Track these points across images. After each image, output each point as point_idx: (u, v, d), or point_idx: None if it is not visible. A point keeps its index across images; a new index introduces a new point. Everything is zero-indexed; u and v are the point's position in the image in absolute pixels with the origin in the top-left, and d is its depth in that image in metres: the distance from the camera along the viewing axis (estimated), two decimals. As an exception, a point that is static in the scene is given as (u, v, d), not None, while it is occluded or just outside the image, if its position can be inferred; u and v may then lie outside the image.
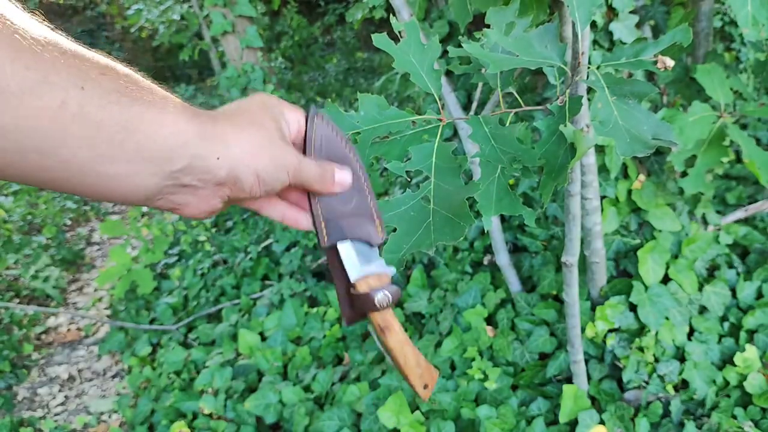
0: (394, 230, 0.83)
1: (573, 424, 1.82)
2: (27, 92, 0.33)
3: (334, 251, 0.51)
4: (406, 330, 2.43)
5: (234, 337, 2.70)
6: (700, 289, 2.01)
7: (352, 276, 0.51)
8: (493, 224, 2.22)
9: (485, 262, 2.59)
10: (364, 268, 0.51)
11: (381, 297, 0.50)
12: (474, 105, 2.12)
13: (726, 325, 2.03)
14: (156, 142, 0.39)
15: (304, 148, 0.50)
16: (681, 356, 1.95)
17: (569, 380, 1.96)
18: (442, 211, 0.83)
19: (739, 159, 2.76)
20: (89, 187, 0.39)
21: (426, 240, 0.82)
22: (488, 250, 2.59)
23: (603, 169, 1.92)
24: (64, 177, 0.37)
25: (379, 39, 0.94)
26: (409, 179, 1.39)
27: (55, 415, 2.75)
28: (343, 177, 0.51)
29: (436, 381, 0.54)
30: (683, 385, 1.93)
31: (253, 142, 0.44)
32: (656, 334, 1.92)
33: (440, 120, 0.94)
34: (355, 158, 0.53)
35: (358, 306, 0.51)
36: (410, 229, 0.83)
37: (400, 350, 0.52)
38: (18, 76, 0.33)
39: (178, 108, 0.41)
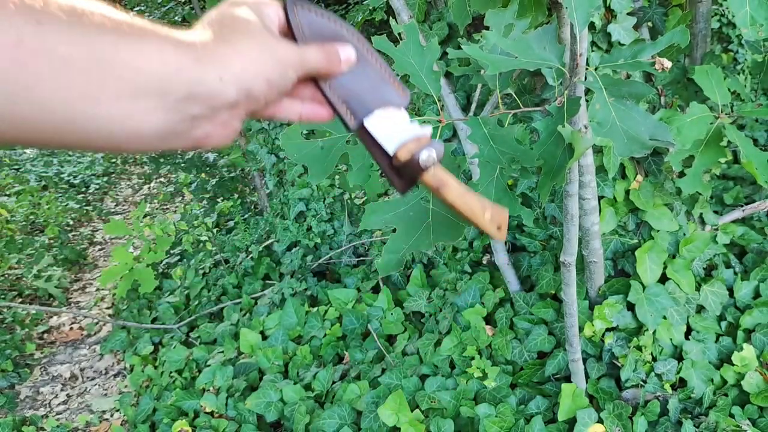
0: (394, 230, 0.85)
1: (571, 422, 1.83)
2: None
3: (364, 130, 0.49)
4: (405, 330, 2.45)
5: (235, 336, 2.72)
6: (698, 288, 2.02)
7: (390, 148, 0.48)
8: (492, 224, 2.23)
9: (484, 261, 2.61)
10: (399, 135, 0.48)
11: (425, 157, 0.47)
12: (473, 106, 2.14)
13: (723, 324, 2.05)
14: (142, 74, 0.36)
15: (293, 38, 0.48)
16: (679, 355, 1.96)
17: (568, 379, 1.97)
18: (441, 211, 0.85)
19: (736, 159, 2.77)
20: (87, 134, 0.36)
21: (425, 240, 0.84)
22: (487, 249, 2.60)
23: (601, 170, 1.94)
24: (52, 125, 0.35)
25: (379, 41, 0.96)
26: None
27: (58, 413, 2.76)
28: (347, 53, 0.48)
29: (507, 219, 0.52)
30: (681, 384, 1.94)
31: (251, 50, 0.42)
32: (654, 333, 1.94)
33: (440, 121, 0.96)
34: (349, 32, 0.50)
35: (407, 174, 0.49)
36: (410, 230, 0.84)
37: (463, 202, 0.50)
38: None
39: (161, 36, 0.39)
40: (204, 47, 0.41)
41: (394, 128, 0.49)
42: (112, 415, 2.69)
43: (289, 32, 0.48)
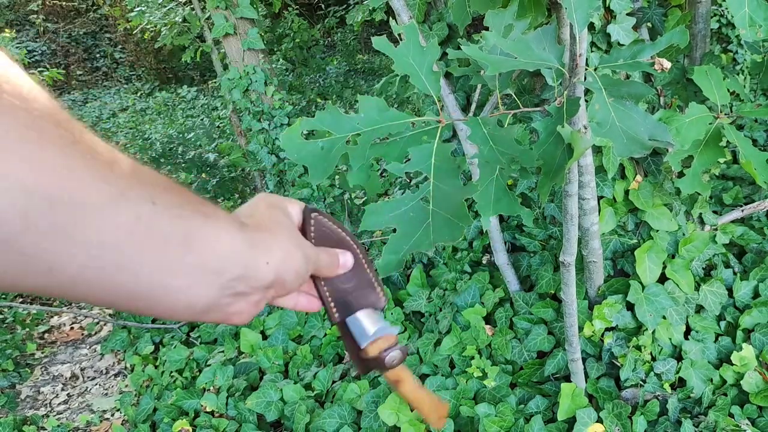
0: (394, 231, 0.85)
1: (571, 421, 1.84)
2: (107, 207, 0.34)
3: (343, 324, 0.57)
4: (405, 330, 2.45)
5: (236, 336, 2.72)
6: (697, 288, 2.03)
7: (362, 343, 0.56)
8: (491, 224, 2.24)
9: (484, 261, 2.61)
10: (372, 333, 0.56)
11: (390, 358, 0.56)
12: (473, 106, 2.14)
13: (723, 324, 2.05)
14: (213, 253, 0.40)
15: (305, 238, 0.55)
16: (678, 355, 1.97)
17: (567, 378, 1.98)
18: (441, 211, 0.85)
19: (735, 160, 2.78)
20: (154, 300, 0.39)
21: (425, 240, 0.84)
22: (487, 249, 2.61)
23: (600, 170, 1.94)
24: (135, 292, 0.37)
25: (379, 42, 0.97)
26: (409, 179, 1.41)
27: (58, 413, 2.77)
28: (346, 260, 0.55)
29: (447, 411, 0.60)
30: (680, 384, 1.95)
31: (287, 243, 0.47)
32: (653, 332, 1.94)
33: (439, 121, 0.96)
34: (351, 238, 0.58)
35: (372, 365, 0.57)
36: (410, 230, 0.85)
37: (414, 397, 0.59)
38: (99, 190, 0.33)
39: (228, 219, 0.43)
40: (254, 232, 0.45)
41: (369, 326, 0.56)
42: (112, 415, 2.70)
43: (302, 232, 0.55)
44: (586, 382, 1.94)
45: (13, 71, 0.32)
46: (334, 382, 2.32)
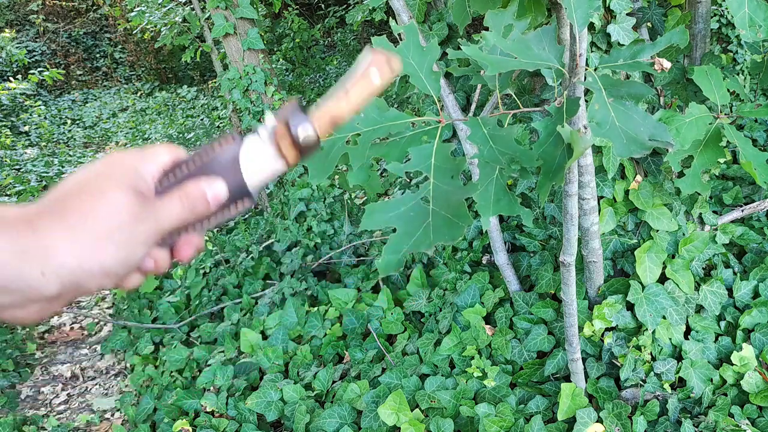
0: (394, 230, 0.85)
1: (571, 421, 1.84)
2: None
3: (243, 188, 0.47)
4: (405, 329, 2.45)
5: (236, 336, 2.72)
6: (697, 288, 2.03)
7: (274, 164, 0.47)
8: (491, 224, 2.24)
9: (484, 261, 2.61)
10: (269, 153, 0.47)
11: (304, 136, 0.46)
12: (473, 106, 2.14)
13: (723, 324, 2.05)
14: None
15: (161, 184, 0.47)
16: (678, 355, 1.97)
17: (567, 378, 1.98)
18: (441, 211, 0.85)
19: (735, 160, 2.78)
20: None
21: (425, 240, 0.84)
22: (487, 249, 2.61)
23: (600, 170, 1.94)
24: None
25: (379, 42, 0.97)
26: (409, 179, 1.41)
27: (58, 413, 2.77)
28: (216, 190, 0.46)
29: (388, 57, 0.49)
30: (680, 384, 1.95)
31: (89, 235, 0.40)
32: (653, 332, 1.94)
33: (439, 121, 0.96)
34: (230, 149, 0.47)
35: (303, 155, 0.47)
36: (409, 230, 0.85)
37: (354, 100, 0.48)
38: None
39: None
40: (33, 230, 0.38)
41: (259, 150, 0.47)
42: (112, 415, 2.70)
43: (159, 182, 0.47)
44: (586, 382, 1.94)
45: None
46: (334, 382, 2.32)
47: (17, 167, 6.05)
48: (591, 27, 1.83)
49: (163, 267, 0.47)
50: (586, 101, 1.36)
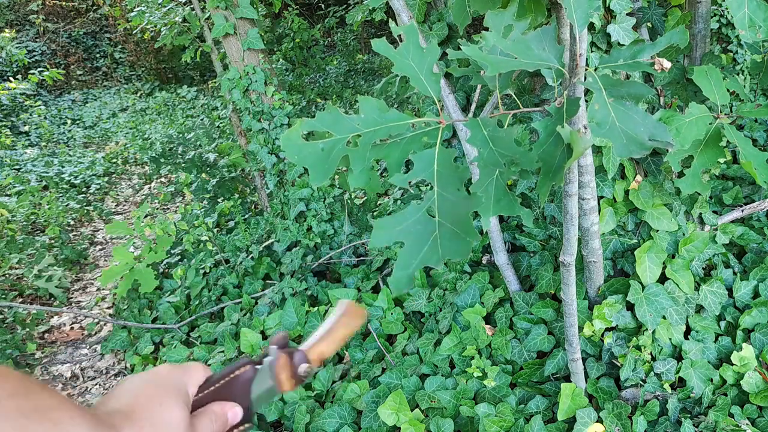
0: (401, 245, 0.85)
1: (571, 421, 1.84)
2: None
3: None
4: (405, 329, 2.45)
5: (236, 336, 2.72)
6: (697, 288, 2.03)
7: (279, 389, 0.56)
8: (491, 224, 2.24)
9: (484, 261, 2.61)
10: (270, 385, 0.56)
11: (305, 374, 0.56)
12: (473, 107, 2.14)
13: (723, 324, 2.05)
14: None
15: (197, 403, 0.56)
16: (678, 355, 1.97)
17: (567, 378, 1.98)
18: (447, 223, 0.84)
19: (735, 159, 2.78)
20: None
21: (434, 255, 0.83)
22: (487, 249, 2.61)
23: (600, 170, 1.94)
24: None
25: (379, 44, 0.97)
26: (408, 181, 1.41)
27: (59, 413, 2.77)
28: (234, 414, 0.55)
29: (357, 309, 0.61)
30: (680, 384, 1.95)
31: None
32: (653, 332, 1.94)
33: (439, 122, 0.96)
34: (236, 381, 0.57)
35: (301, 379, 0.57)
36: (417, 244, 0.84)
37: (340, 339, 0.59)
38: None
39: (87, 424, 0.42)
40: (113, 429, 0.44)
41: (263, 384, 0.56)
42: (112, 415, 2.70)
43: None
44: (586, 382, 1.94)
45: None
46: (334, 382, 2.32)
47: (17, 167, 6.05)
48: (591, 27, 1.82)
49: None
50: (586, 101, 1.36)
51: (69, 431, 0.41)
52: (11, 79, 8.40)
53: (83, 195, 5.51)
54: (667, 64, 1.46)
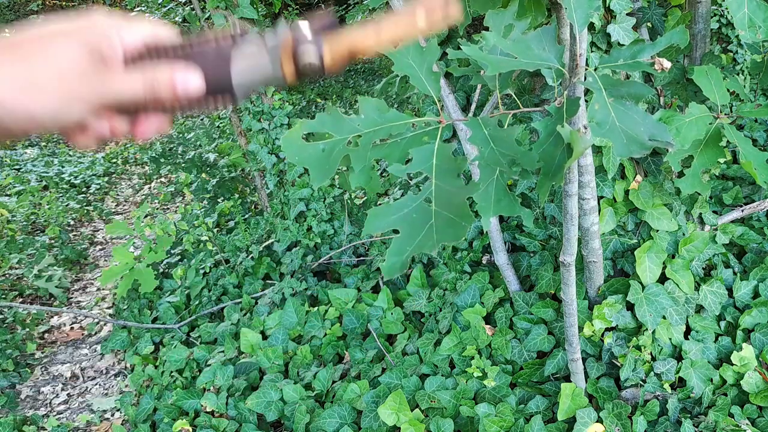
0: (396, 233, 0.85)
1: (571, 421, 1.84)
2: None
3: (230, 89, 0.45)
4: (405, 329, 2.45)
5: (236, 336, 2.72)
6: (697, 288, 2.03)
7: (272, 71, 0.44)
8: (491, 224, 2.24)
9: (484, 261, 2.61)
10: (268, 62, 0.45)
11: (306, 58, 0.43)
12: (473, 106, 2.14)
13: (723, 324, 2.05)
14: None
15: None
16: (678, 355, 1.97)
17: (567, 378, 1.98)
18: (444, 212, 0.85)
19: (735, 159, 2.78)
20: None
21: (429, 241, 0.83)
22: (487, 249, 2.61)
23: (600, 170, 1.94)
24: None
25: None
26: (409, 179, 1.41)
27: (58, 413, 2.77)
28: (186, 80, 0.44)
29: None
30: (680, 384, 1.95)
31: (24, 78, 0.40)
32: (653, 332, 1.94)
33: (440, 122, 0.96)
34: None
35: (302, 76, 0.45)
36: (413, 232, 0.84)
37: (387, 36, 0.44)
38: None
39: None
40: None
41: (254, 60, 0.45)
42: (112, 415, 2.70)
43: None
44: (586, 382, 1.94)
45: None
46: (334, 382, 2.32)
47: (17, 167, 6.05)
48: (591, 27, 1.82)
49: (118, 135, 0.47)
50: (586, 101, 1.36)
51: None
52: (11, 79, 8.39)
53: (83, 195, 5.51)
54: (667, 64, 1.46)
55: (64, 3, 10.34)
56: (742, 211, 2.19)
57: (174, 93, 0.44)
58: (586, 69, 1.23)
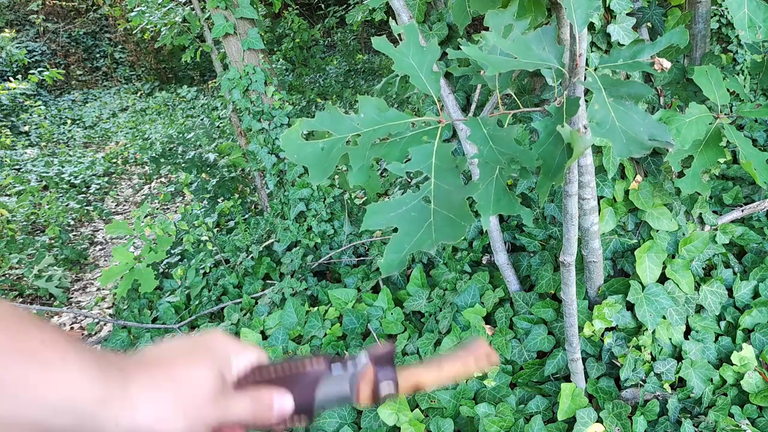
0: (395, 230, 0.85)
1: (571, 421, 1.84)
2: None
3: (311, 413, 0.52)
4: (405, 329, 2.45)
5: (236, 336, 2.72)
6: (697, 288, 2.03)
7: (352, 400, 0.52)
8: (491, 224, 2.24)
9: (484, 261, 2.61)
10: (346, 392, 0.52)
11: (384, 392, 0.52)
12: (473, 106, 2.14)
13: (723, 324, 2.05)
14: (45, 405, 0.36)
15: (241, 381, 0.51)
16: (678, 355, 1.97)
17: (567, 378, 1.98)
18: (443, 210, 0.85)
19: (735, 160, 2.78)
20: None
21: (427, 240, 0.84)
22: (487, 249, 2.61)
23: (600, 170, 1.94)
24: None
25: (379, 42, 0.97)
26: (409, 179, 1.41)
27: (58, 413, 2.77)
28: (282, 403, 0.50)
29: (486, 346, 0.57)
30: (680, 384, 1.95)
31: (171, 401, 0.42)
32: (653, 332, 1.94)
33: (439, 121, 0.96)
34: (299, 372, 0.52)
35: (377, 401, 0.53)
36: (411, 230, 0.85)
37: (446, 375, 0.54)
38: None
39: (83, 365, 0.38)
40: (125, 381, 0.40)
41: (336, 391, 0.52)
42: (112, 415, 2.70)
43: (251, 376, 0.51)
44: (586, 382, 1.94)
45: None
46: (334, 382, 2.32)
47: (17, 167, 6.05)
48: (591, 27, 1.82)
49: None
50: (586, 101, 1.36)
51: (58, 376, 0.37)
52: (11, 79, 8.41)
53: (83, 195, 5.52)
54: (667, 64, 1.46)
55: (64, 3, 10.34)
56: (742, 211, 2.19)
57: (270, 414, 0.49)
58: (586, 69, 1.23)
